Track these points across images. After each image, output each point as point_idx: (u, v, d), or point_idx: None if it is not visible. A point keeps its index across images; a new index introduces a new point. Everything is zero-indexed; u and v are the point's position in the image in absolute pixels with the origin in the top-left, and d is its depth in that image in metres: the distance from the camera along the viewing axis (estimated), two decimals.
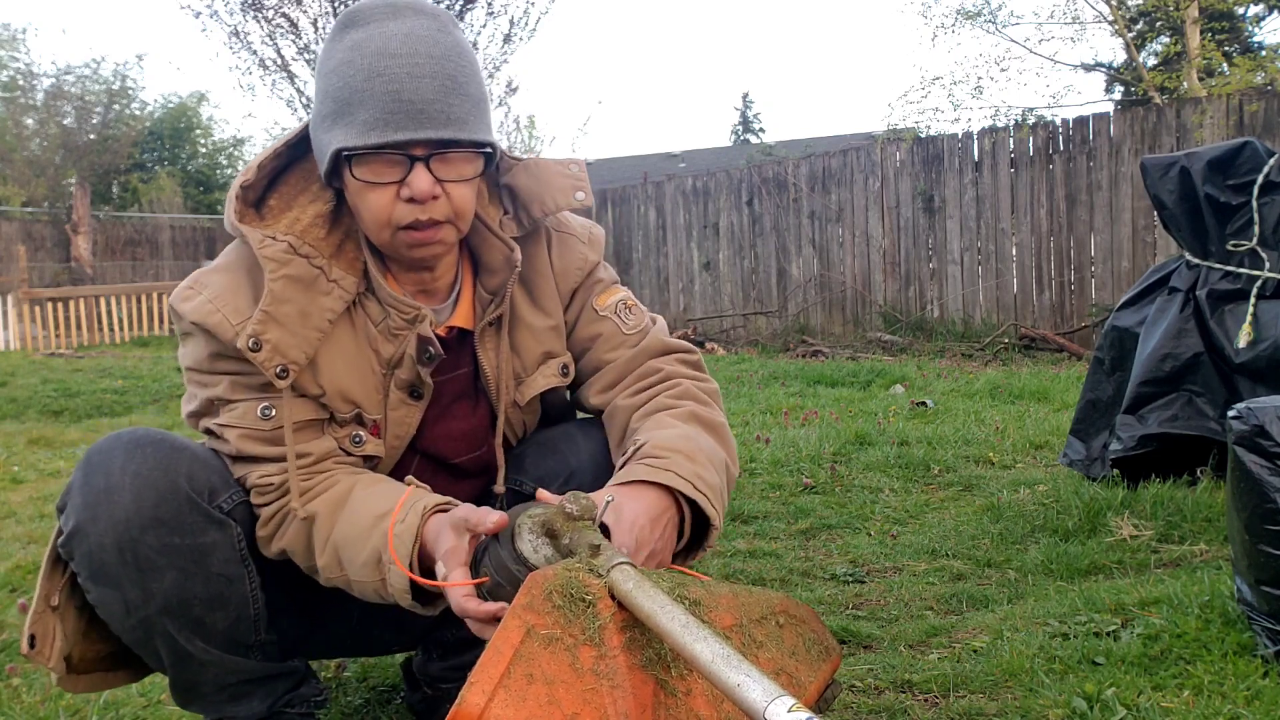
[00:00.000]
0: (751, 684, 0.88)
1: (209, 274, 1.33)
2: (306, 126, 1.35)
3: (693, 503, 1.26)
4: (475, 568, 1.15)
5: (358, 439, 1.38)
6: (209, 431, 1.37)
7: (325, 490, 1.33)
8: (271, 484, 1.33)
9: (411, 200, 1.24)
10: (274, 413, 1.32)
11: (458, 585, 1.12)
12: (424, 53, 1.22)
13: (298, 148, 1.37)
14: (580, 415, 1.59)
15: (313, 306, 1.30)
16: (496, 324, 1.43)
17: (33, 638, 1.33)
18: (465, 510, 1.17)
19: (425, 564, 1.22)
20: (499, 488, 1.48)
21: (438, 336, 1.39)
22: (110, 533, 1.24)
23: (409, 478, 1.34)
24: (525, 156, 1.46)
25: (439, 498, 1.27)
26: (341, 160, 1.24)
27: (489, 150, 1.29)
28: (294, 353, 1.29)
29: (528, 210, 1.42)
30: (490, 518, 1.12)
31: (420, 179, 1.23)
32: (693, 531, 1.29)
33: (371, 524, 1.26)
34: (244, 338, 1.26)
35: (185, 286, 1.32)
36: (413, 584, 1.21)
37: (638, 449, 1.30)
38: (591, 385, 1.49)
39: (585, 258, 1.49)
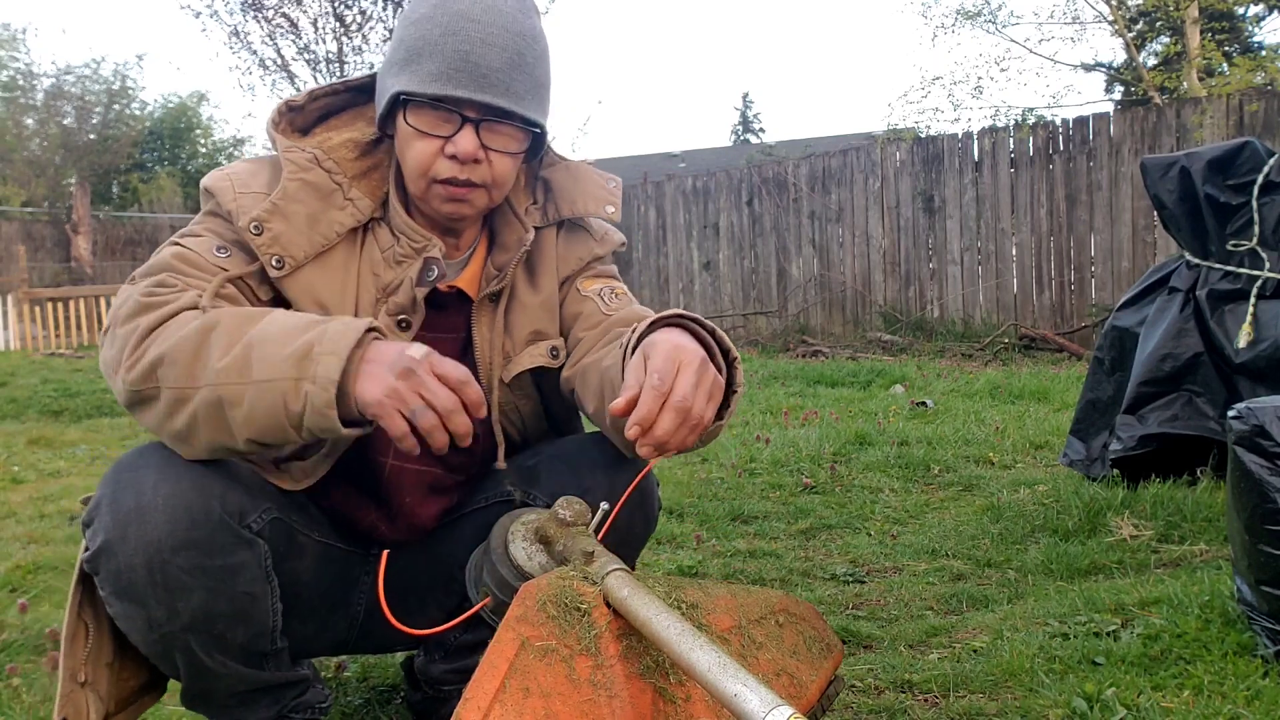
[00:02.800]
0: (748, 694, 0.87)
1: (238, 162, 1.39)
2: (372, 76, 1.40)
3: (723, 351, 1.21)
4: (473, 586, 1.12)
5: None
6: (138, 278, 1.27)
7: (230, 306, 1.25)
8: (162, 296, 1.23)
9: (454, 158, 1.28)
10: (227, 256, 1.30)
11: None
12: (501, 25, 1.27)
13: (359, 92, 1.41)
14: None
15: (323, 215, 1.33)
16: (495, 299, 1.44)
17: None
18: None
19: (363, 414, 1.13)
20: (500, 464, 1.46)
21: (439, 290, 1.40)
22: (141, 553, 1.21)
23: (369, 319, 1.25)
24: (571, 158, 1.49)
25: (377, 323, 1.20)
26: (398, 103, 1.28)
27: (538, 130, 1.32)
28: (294, 249, 1.30)
29: (556, 206, 1.45)
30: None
31: (466, 139, 1.27)
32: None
33: (306, 325, 1.16)
34: (246, 218, 1.28)
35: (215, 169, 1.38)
36: (338, 398, 1.10)
37: (636, 326, 1.22)
38: (566, 364, 1.46)
39: (590, 250, 1.50)
